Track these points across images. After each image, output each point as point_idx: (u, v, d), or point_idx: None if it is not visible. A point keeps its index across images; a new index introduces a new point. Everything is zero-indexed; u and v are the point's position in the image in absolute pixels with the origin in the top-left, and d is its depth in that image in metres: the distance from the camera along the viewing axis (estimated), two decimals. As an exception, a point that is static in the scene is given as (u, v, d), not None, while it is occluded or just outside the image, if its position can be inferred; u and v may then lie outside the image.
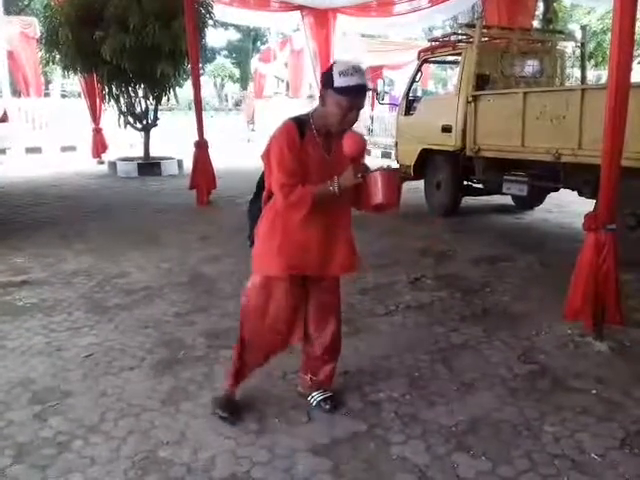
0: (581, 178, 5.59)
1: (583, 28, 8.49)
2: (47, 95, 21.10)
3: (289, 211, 2.35)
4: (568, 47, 7.81)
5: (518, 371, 3.11)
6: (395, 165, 2.33)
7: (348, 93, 2.22)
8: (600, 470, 2.27)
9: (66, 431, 2.51)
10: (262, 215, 2.47)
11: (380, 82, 9.11)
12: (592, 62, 19.01)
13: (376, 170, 2.26)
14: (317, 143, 2.35)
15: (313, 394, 2.74)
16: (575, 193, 6.02)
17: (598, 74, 19.49)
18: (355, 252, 2.55)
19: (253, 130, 21.86)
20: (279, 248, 2.40)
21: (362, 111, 2.40)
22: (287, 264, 2.41)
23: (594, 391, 2.89)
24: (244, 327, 2.61)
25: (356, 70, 2.24)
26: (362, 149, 2.30)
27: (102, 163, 13.13)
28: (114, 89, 11.29)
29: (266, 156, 2.36)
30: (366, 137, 2.39)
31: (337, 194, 2.27)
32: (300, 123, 2.33)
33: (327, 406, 2.69)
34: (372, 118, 17.77)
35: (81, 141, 14.91)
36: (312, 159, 2.32)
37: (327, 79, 2.26)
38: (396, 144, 8.37)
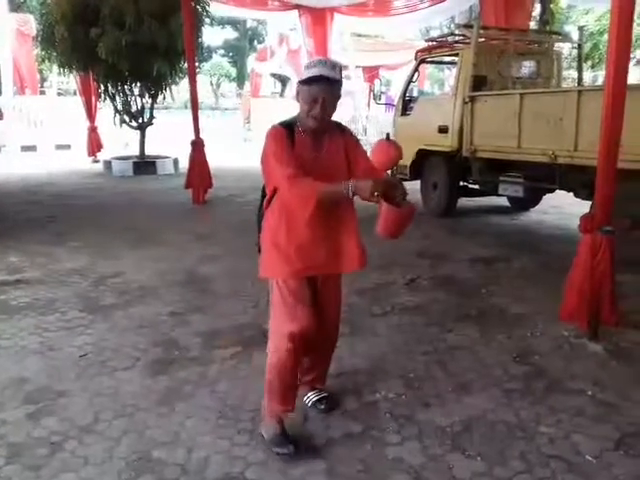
0: (577, 180, 5.60)
1: (580, 29, 8.49)
2: (42, 93, 21.03)
3: (295, 204, 2.30)
4: (565, 48, 7.83)
5: (513, 372, 3.11)
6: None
7: (309, 83, 2.26)
8: (595, 471, 2.27)
9: (60, 431, 2.50)
10: (264, 220, 2.45)
11: (377, 82, 9.15)
12: (589, 63, 19.07)
13: (397, 202, 2.21)
14: (306, 143, 2.36)
15: (309, 394, 2.73)
16: (571, 194, 6.03)
17: (595, 75, 19.57)
18: (362, 248, 2.52)
19: (249, 130, 21.81)
20: (286, 252, 2.36)
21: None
22: (296, 268, 2.37)
23: (589, 392, 2.89)
24: (274, 336, 2.42)
25: (321, 62, 2.28)
26: (389, 161, 2.25)
27: (97, 162, 13.09)
28: (110, 87, 11.28)
29: (264, 161, 2.35)
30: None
31: (350, 197, 2.22)
32: (287, 126, 2.36)
33: (322, 406, 2.68)
34: (367, 118, 17.77)
35: (76, 139, 14.86)
36: (304, 159, 2.32)
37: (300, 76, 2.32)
38: (393, 144, 8.37)
